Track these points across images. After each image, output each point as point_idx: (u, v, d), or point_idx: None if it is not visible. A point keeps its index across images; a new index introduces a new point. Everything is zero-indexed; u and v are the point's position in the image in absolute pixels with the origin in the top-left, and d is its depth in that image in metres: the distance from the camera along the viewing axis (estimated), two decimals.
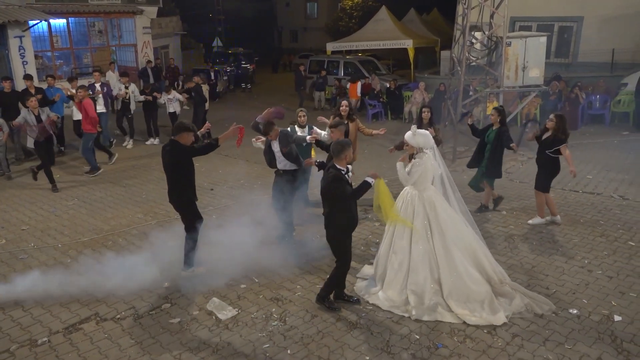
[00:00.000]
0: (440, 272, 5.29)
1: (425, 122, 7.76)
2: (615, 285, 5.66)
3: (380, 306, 5.30)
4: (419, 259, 5.32)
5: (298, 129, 7.68)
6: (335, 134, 6.50)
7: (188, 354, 4.66)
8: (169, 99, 12.94)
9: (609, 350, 4.57)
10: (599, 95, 14.02)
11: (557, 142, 6.98)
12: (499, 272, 5.54)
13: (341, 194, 4.97)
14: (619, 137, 12.53)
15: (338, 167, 5.01)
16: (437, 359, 4.51)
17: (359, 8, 35.19)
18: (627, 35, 15.44)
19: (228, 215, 7.88)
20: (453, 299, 5.20)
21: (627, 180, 9.21)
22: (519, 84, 10.93)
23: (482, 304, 5.17)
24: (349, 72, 20.35)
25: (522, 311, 5.15)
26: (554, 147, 7.01)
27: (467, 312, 5.10)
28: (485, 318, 5.02)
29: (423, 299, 5.22)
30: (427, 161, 5.39)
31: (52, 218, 8.01)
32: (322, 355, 4.60)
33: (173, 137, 5.72)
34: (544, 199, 7.34)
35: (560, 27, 17.04)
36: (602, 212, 7.80)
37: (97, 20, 18.20)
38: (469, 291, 5.23)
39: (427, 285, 5.27)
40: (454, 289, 5.23)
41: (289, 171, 6.84)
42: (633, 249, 6.55)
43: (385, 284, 5.47)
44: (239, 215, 7.54)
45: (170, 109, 13.00)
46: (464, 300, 5.20)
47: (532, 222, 7.38)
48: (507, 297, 5.29)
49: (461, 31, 11.15)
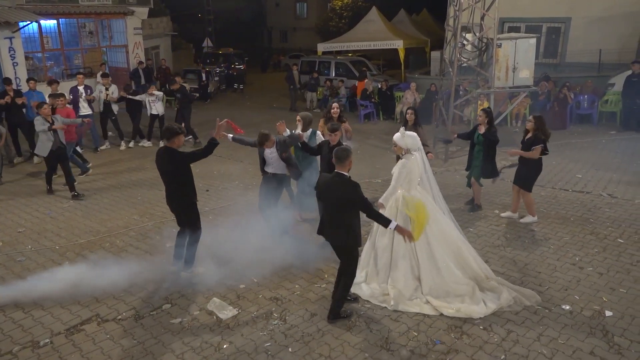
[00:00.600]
0: (420, 269, 5.49)
1: (410, 124, 7.89)
2: (606, 282, 5.81)
3: (361, 295, 5.56)
4: (399, 256, 5.55)
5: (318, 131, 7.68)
6: (336, 137, 6.55)
7: (191, 353, 4.73)
8: (151, 99, 12.41)
9: (601, 345, 4.71)
10: (586, 95, 14.26)
11: (537, 142, 7.15)
12: (484, 268, 5.74)
13: (362, 200, 4.85)
14: (607, 136, 12.77)
15: (343, 173, 4.92)
16: (435, 355, 4.62)
17: (348, 8, 35.33)
18: (614, 36, 15.72)
19: (225, 215, 7.95)
20: (433, 295, 5.40)
21: (615, 179, 9.40)
22: (509, 84, 11.10)
23: (462, 298, 5.36)
24: (340, 73, 20.49)
25: (512, 304, 5.31)
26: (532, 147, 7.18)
27: (444, 304, 5.31)
28: (464, 311, 5.21)
29: (403, 294, 5.44)
30: (414, 162, 5.56)
31: (48, 220, 8.02)
32: (323, 352, 4.69)
33: (166, 143, 5.70)
34: (531, 197, 7.52)
35: (549, 27, 17.29)
36: (592, 210, 7.98)
37: (87, 21, 18.11)
38: (448, 288, 5.44)
39: (408, 281, 5.49)
40: (434, 285, 5.44)
41: (277, 175, 6.99)
42: (622, 246, 6.72)
43: (368, 277, 5.75)
44: (235, 215, 7.61)
45: (153, 110, 12.52)
46: (443, 296, 5.41)
47: (523, 221, 7.53)
48: (495, 291, 5.46)
49: (452, 33, 11.29)
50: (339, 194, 4.86)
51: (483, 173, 7.75)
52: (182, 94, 12.78)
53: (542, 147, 7.14)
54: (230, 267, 6.16)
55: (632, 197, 8.43)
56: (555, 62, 17.20)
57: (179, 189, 5.81)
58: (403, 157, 5.69)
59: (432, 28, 27.01)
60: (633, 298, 5.46)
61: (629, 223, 7.42)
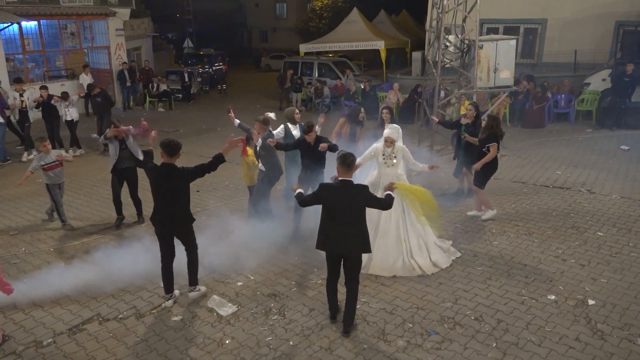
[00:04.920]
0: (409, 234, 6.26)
1: (387, 123, 8.17)
2: (588, 273, 6.12)
3: None
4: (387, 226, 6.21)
5: (291, 126, 7.88)
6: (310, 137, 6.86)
7: (194, 349, 4.86)
8: (66, 105, 11.73)
9: (585, 331, 4.99)
10: (563, 95, 14.73)
11: (489, 140, 7.42)
12: None
13: (375, 199, 4.98)
14: (584, 134, 13.23)
15: (350, 180, 4.92)
16: (430, 345, 4.84)
17: (329, 9, 35.53)
18: (587, 37, 16.26)
19: (216, 215, 8.05)
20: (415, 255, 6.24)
21: (593, 175, 9.79)
22: (491, 85, 11.43)
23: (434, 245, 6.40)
24: (323, 74, 20.68)
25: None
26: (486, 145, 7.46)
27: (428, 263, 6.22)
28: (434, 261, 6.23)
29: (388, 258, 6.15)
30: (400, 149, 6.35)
31: (40, 223, 8.03)
32: (323, 345, 4.87)
33: (168, 159, 5.31)
34: (483, 194, 7.78)
35: (526, 28, 17.76)
36: (572, 205, 8.31)
37: (69, 22, 17.93)
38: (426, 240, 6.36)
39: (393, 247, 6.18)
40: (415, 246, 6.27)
41: (261, 171, 7.36)
42: (602, 239, 7.05)
43: None
44: (227, 215, 7.73)
45: (68, 116, 11.83)
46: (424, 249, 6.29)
47: (484, 217, 7.79)
48: None
49: (435, 34, 11.57)
50: (354, 201, 4.82)
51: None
52: (103, 97, 12.32)
53: (496, 145, 7.37)
54: (227, 266, 6.30)
55: (610, 192, 8.80)
56: (532, 62, 17.68)
57: (184, 207, 5.46)
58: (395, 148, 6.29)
59: (412, 29, 27.40)
60: (613, 287, 5.77)
61: (607, 217, 7.76)
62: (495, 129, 7.40)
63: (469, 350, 4.75)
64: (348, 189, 4.86)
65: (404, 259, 6.18)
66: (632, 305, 5.41)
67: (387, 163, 6.30)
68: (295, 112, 7.92)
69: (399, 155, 6.32)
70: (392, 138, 6.25)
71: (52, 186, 7.51)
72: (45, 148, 7.40)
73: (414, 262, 6.18)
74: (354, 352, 4.74)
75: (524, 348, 4.75)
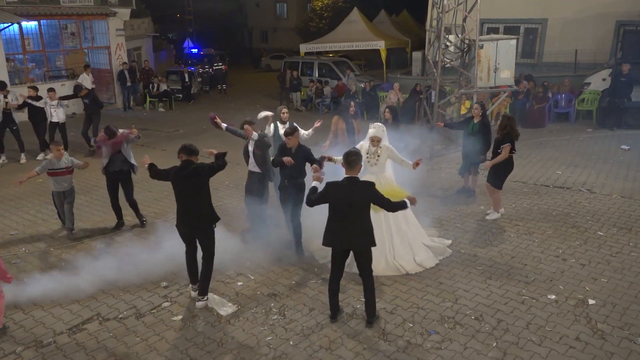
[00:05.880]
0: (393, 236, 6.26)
1: (390, 122, 8.18)
2: (588, 272, 6.11)
3: None
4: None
5: (280, 126, 7.87)
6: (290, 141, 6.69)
7: (194, 348, 4.86)
8: (51, 105, 11.30)
9: (585, 331, 4.99)
10: (564, 94, 14.72)
11: (504, 141, 7.39)
12: None
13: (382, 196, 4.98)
14: (584, 133, 13.21)
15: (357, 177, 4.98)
16: (431, 344, 4.84)
17: (329, 9, 35.53)
18: (588, 36, 16.25)
19: None
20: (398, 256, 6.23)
21: (593, 175, 9.78)
22: (491, 84, 11.42)
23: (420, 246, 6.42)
24: (323, 74, 20.68)
25: None
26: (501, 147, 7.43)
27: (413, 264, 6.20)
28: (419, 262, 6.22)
29: None
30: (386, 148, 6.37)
31: (40, 223, 8.03)
32: (323, 344, 4.86)
33: (187, 158, 5.43)
34: (499, 195, 7.77)
35: (526, 28, 17.75)
36: (572, 205, 8.31)
37: (69, 22, 17.94)
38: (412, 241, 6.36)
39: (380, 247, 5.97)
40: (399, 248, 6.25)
41: (255, 173, 7.13)
42: (602, 238, 7.04)
43: None
44: (227, 214, 7.72)
45: (54, 118, 11.45)
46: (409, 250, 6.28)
47: (489, 218, 7.78)
48: None
49: (436, 34, 11.56)
50: (361, 197, 4.89)
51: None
52: (91, 99, 12.13)
53: (510, 145, 7.35)
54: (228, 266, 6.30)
55: (610, 192, 8.80)
56: (533, 62, 17.67)
57: (208, 206, 5.52)
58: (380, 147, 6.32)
59: (412, 29, 27.40)
60: (614, 287, 5.76)
61: (607, 217, 7.76)
62: (509, 129, 7.37)
63: (469, 349, 4.75)
64: (354, 186, 4.93)
65: (387, 259, 6.20)
66: (632, 304, 5.41)
67: (370, 162, 6.35)
68: (282, 111, 7.88)
69: (384, 155, 6.34)
70: (377, 137, 6.30)
71: (57, 194, 7.49)
72: (58, 153, 7.32)
73: (397, 264, 6.19)
74: (354, 352, 4.74)
75: (524, 348, 4.75)
